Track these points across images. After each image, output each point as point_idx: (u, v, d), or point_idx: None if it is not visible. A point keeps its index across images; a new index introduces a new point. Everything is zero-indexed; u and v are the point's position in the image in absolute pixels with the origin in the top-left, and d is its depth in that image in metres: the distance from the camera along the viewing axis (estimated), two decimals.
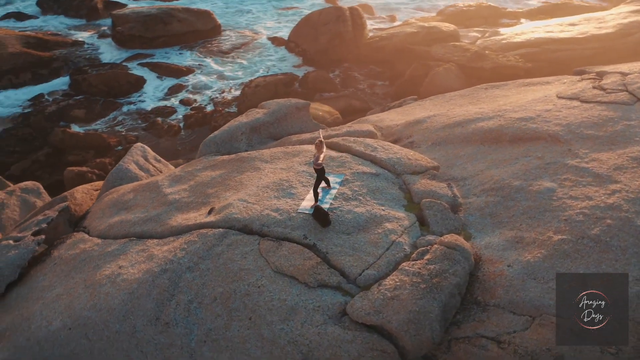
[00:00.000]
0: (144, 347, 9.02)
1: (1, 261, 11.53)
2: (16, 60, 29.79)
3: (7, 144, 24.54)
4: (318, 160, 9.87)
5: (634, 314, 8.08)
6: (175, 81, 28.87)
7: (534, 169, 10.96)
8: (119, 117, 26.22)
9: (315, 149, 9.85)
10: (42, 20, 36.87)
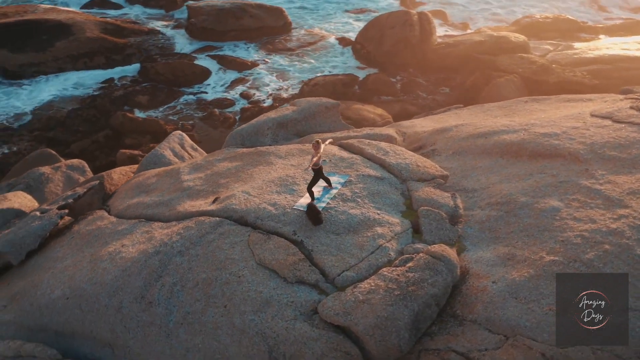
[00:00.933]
0: (127, 322, 9.44)
1: (24, 230, 12.29)
2: (92, 45, 31.51)
3: (72, 123, 26.00)
4: (313, 161, 9.99)
5: None
6: (239, 74, 29.65)
7: (545, 186, 10.62)
8: (179, 106, 27.22)
9: (313, 149, 9.98)
10: (125, 10, 38.68)
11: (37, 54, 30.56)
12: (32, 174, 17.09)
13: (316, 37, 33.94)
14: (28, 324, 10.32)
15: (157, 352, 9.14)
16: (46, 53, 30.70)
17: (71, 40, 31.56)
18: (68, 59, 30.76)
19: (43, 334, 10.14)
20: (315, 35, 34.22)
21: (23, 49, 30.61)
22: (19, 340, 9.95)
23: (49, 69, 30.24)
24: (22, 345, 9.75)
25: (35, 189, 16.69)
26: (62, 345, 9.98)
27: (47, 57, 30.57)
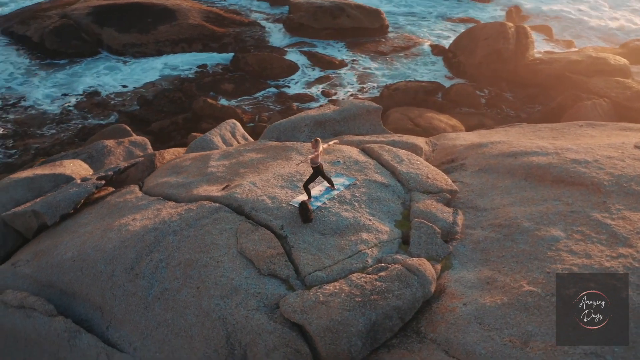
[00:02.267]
0: (115, 290, 10.09)
1: (62, 195, 13.32)
2: (192, 32, 33.20)
3: (159, 103, 27.61)
4: (310, 158, 10.15)
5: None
6: (325, 72, 30.13)
7: (554, 214, 10.17)
8: (261, 97, 28.10)
9: (311, 147, 10.15)
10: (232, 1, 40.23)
11: (140, 35, 32.63)
12: (96, 145, 18.37)
13: (410, 43, 33.73)
14: (40, 279, 11.22)
15: (134, 321, 9.71)
16: (148, 35, 32.71)
17: (173, 25, 33.41)
18: (168, 43, 32.60)
19: (50, 290, 10.99)
20: (410, 41, 34.02)
21: (128, 30, 32.80)
22: (25, 292, 10.87)
23: (149, 50, 32.20)
24: (26, 298, 10.66)
25: (97, 159, 17.92)
26: (63, 302, 10.77)
27: (149, 39, 32.56)
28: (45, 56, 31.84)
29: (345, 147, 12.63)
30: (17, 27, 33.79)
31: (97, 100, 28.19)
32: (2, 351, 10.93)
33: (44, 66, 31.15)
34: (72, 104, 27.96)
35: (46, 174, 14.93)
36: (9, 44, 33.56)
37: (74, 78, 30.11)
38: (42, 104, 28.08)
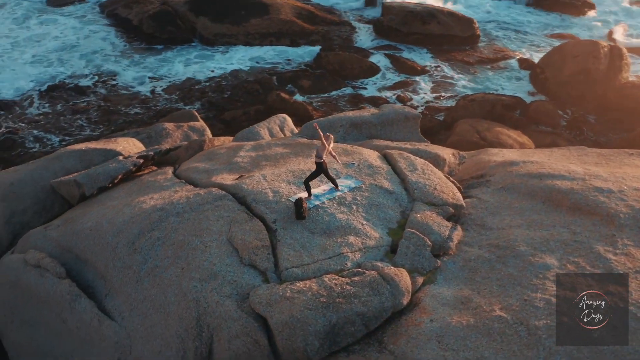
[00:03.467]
0: (116, 261, 10.73)
1: (102, 169, 14.21)
2: (282, 27, 33.98)
3: (237, 93, 28.58)
4: (320, 155, 10.28)
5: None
6: (405, 77, 29.94)
7: (556, 241, 9.74)
8: (335, 96, 28.38)
9: (323, 140, 10.26)
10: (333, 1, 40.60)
11: (232, 26, 33.83)
12: (156, 127, 19.36)
13: (499, 55, 32.71)
14: (62, 243, 12.08)
15: (126, 293, 10.30)
16: (239, 27, 33.85)
17: (265, 19, 34.36)
18: (257, 36, 33.59)
19: (68, 255, 11.82)
20: (499, 53, 32.99)
21: (221, 20, 34.11)
22: (44, 254, 11.76)
23: (238, 41, 33.32)
24: (43, 259, 11.54)
25: (154, 140, 18.87)
26: (76, 267, 11.57)
27: (240, 30, 33.70)
28: (141, 40, 33.78)
29: (366, 151, 12.64)
30: (121, 10, 36.05)
31: (183, 85, 29.52)
32: (18, 305, 11.89)
33: (139, 49, 33.04)
34: (160, 87, 29.47)
35: (98, 149, 15.91)
36: (111, 25, 35.87)
37: (164, 63, 31.73)
38: (131, 84, 29.81)
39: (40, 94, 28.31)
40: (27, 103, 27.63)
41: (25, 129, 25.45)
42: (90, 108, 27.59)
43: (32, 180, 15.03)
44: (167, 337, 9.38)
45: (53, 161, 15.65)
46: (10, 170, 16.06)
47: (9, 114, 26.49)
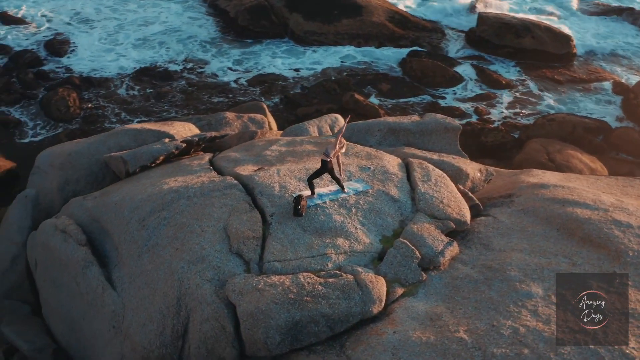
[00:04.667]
0: (126, 235, 11.36)
1: (146, 149, 15.00)
2: (372, 29, 33.97)
3: (316, 90, 28.99)
4: (328, 153, 10.36)
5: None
6: (487, 90, 29.09)
7: (551, 270, 9.34)
8: (412, 103, 28.12)
9: (337, 142, 10.37)
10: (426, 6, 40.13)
11: (323, 25, 34.24)
12: (217, 115, 20.10)
13: (592, 76, 30.93)
14: (93, 213, 12.93)
15: (129, 265, 10.91)
16: (330, 26, 34.21)
17: (357, 20, 34.51)
18: (346, 36, 33.81)
19: (95, 224, 12.64)
20: (593, 74, 31.18)
21: (314, 18, 34.60)
22: (71, 220, 12.64)
23: (327, 40, 33.67)
24: (69, 225, 12.41)
25: (214, 128, 19.60)
26: (99, 237, 12.37)
27: (330, 30, 34.05)
28: (234, 32, 34.90)
29: (388, 157, 12.57)
30: (221, 1, 37.33)
31: (267, 79, 30.25)
32: (48, 266, 12.82)
33: (231, 41, 34.17)
34: (244, 79, 30.39)
35: (152, 130, 16.76)
36: (211, 14, 37.27)
37: (252, 55, 32.65)
38: (218, 73, 30.91)
39: (132, 76, 29.94)
40: (119, 83, 29.38)
41: (111, 107, 27.06)
42: (175, 93, 28.90)
43: (88, 152, 16.06)
44: (152, 312, 9.85)
45: (110, 137, 16.64)
46: (71, 142, 17.27)
47: (100, 91, 28.28)
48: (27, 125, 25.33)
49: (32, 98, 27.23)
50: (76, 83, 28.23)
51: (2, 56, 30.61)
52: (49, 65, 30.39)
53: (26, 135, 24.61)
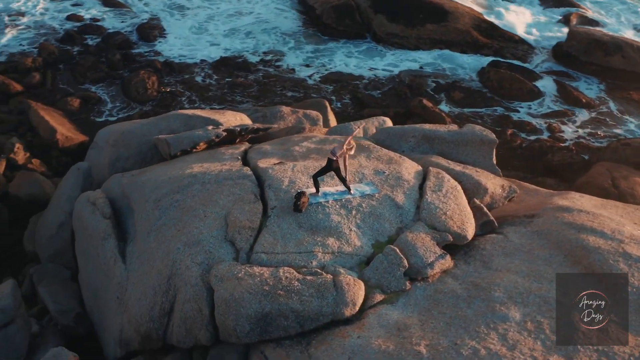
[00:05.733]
0: (143, 213, 12.00)
1: (189, 134, 15.63)
2: (455, 36, 33.29)
3: (388, 93, 28.86)
4: (335, 152, 10.45)
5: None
6: (565, 107, 27.92)
7: (536, 297, 9.00)
8: (483, 113, 27.43)
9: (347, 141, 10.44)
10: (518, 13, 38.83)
11: (406, 27, 33.94)
12: (273, 109, 20.54)
13: None
14: (125, 190, 13.64)
15: (139, 242, 11.49)
16: (413, 29, 33.86)
17: (441, 25, 33.97)
18: (428, 41, 33.36)
19: (125, 200, 13.35)
20: None
21: (398, 20, 34.39)
22: (102, 194, 13.41)
23: (407, 44, 33.36)
24: (98, 198, 13.19)
25: (268, 120, 20.04)
26: (125, 212, 13.04)
27: (412, 33, 33.72)
28: (317, 28, 35.26)
29: (408, 163, 12.46)
30: None
31: (340, 78, 30.40)
32: (79, 235, 13.61)
33: (312, 37, 34.57)
34: (318, 75, 30.73)
35: (202, 116, 17.39)
36: (299, 10, 37.83)
37: (330, 53, 32.87)
38: (294, 67, 31.39)
39: (212, 65, 30.96)
40: (199, 70, 30.48)
41: (187, 93, 28.13)
42: (250, 84, 29.59)
43: (140, 133, 16.90)
44: (146, 288, 10.33)
45: (162, 120, 17.43)
46: (128, 122, 18.19)
47: (179, 77, 29.46)
48: (106, 104, 26.82)
49: (115, 78, 28.78)
50: (158, 67, 29.55)
51: (96, 36, 32.49)
52: (137, 49, 31.99)
53: (103, 113, 26.06)
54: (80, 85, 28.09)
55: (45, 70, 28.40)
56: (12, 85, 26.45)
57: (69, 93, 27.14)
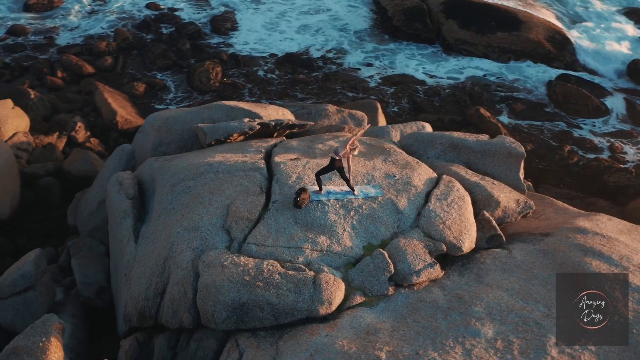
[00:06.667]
0: (159, 196, 12.54)
1: (224, 125, 15.96)
2: (527, 46, 32.13)
3: (445, 99, 28.40)
4: (337, 151, 10.50)
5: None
6: (632, 128, 26.56)
7: (515, 316, 8.73)
8: (542, 128, 26.48)
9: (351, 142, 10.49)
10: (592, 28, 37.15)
11: (476, 35, 33.18)
12: (319, 106, 20.67)
13: None
14: (152, 173, 14.11)
15: (153, 223, 11.90)
16: (483, 37, 33.07)
17: (513, 34, 33.00)
18: (497, 49, 32.48)
19: (152, 184, 13.81)
20: None
21: (468, 27, 33.68)
22: (130, 175, 13.93)
23: (476, 51, 32.61)
24: (126, 179, 13.76)
25: (312, 117, 20.16)
26: (149, 194, 13.51)
27: (482, 41, 32.95)
28: (386, 30, 35.10)
29: (425, 169, 12.32)
30: (383, 0, 37.71)
31: (401, 80, 30.20)
32: (108, 214, 14.19)
33: (380, 38, 34.45)
34: (379, 76, 30.67)
35: (244, 109, 17.77)
36: (372, 10, 37.78)
37: (395, 55, 32.68)
38: (357, 67, 31.41)
39: (277, 60, 31.44)
40: (263, 64, 31.06)
41: (248, 86, 28.73)
42: (312, 81, 29.90)
43: (183, 120, 17.47)
44: (146, 268, 10.74)
45: (205, 110, 17.92)
46: (174, 109, 18.80)
47: (243, 70, 30.13)
48: (170, 91, 27.80)
49: (183, 67, 29.78)
50: (224, 59, 30.39)
51: (171, 26, 33.67)
52: (208, 40, 32.97)
53: (165, 100, 27.04)
54: (148, 71, 29.28)
55: (118, 55, 29.80)
56: (85, 66, 27.89)
57: (136, 78, 28.38)
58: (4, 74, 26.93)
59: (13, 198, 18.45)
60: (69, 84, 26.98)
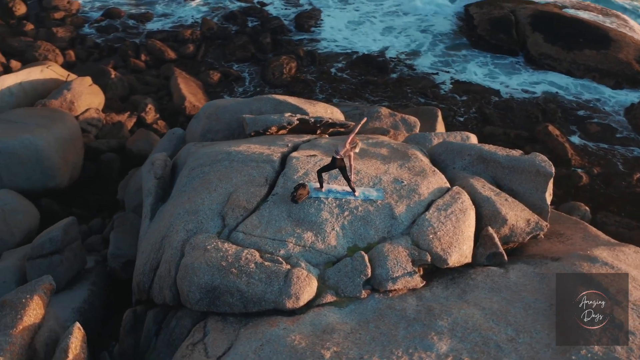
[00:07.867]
0: (179, 180, 12.88)
1: (264, 117, 16.26)
2: (615, 66, 29.94)
3: (515, 113, 27.18)
4: (338, 150, 10.50)
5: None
6: None
7: (478, 335, 8.40)
8: (614, 152, 24.99)
9: (350, 140, 10.48)
10: None
11: (561, 50, 31.65)
12: (372, 108, 20.59)
13: None
14: (187, 158, 14.51)
15: (167, 203, 12.37)
16: (569, 53, 31.50)
17: (601, 52, 31.26)
18: (581, 67, 30.79)
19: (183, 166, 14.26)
20: None
21: (554, 42, 32.19)
22: (163, 157, 14.40)
23: (559, 67, 31.05)
24: (158, 160, 14.24)
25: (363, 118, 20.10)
26: (179, 172, 13.89)
27: (567, 57, 31.39)
28: (469, 38, 34.27)
29: (439, 179, 12.03)
30: (473, 7, 36.86)
31: (473, 89, 29.42)
32: (137, 192, 14.85)
33: (461, 45, 33.68)
34: (450, 83, 29.99)
35: (292, 103, 18.04)
36: (457, 16, 37.05)
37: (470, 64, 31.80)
38: (429, 72, 30.89)
39: (352, 61, 31.48)
40: (337, 63, 31.21)
41: (319, 84, 28.97)
42: (382, 83, 29.73)
43: (232, 110, 17.97)
44: (148, 245, 11.25)
45: (254, 102, 18.33)
46: (227, 99, 19.31)
47: (317, 67, 30.38)
48: (244, 82, 28.51)
49: (260, 60, 30.44)
50: (300, 55, 30.77)
51: (257, 19, 34.48)
52: (289, 36, 33.50)
53: (236, 91, 27.77)
54: (226, 62, 30.19)
55: (200, 43, 30.88)
56: (167, 52, 29.14)
57: (214, 67, 29.33)
58: (93, 53, 28.66)
59: (74, 169, 19.62)
60: (150, 68, 28.32)
